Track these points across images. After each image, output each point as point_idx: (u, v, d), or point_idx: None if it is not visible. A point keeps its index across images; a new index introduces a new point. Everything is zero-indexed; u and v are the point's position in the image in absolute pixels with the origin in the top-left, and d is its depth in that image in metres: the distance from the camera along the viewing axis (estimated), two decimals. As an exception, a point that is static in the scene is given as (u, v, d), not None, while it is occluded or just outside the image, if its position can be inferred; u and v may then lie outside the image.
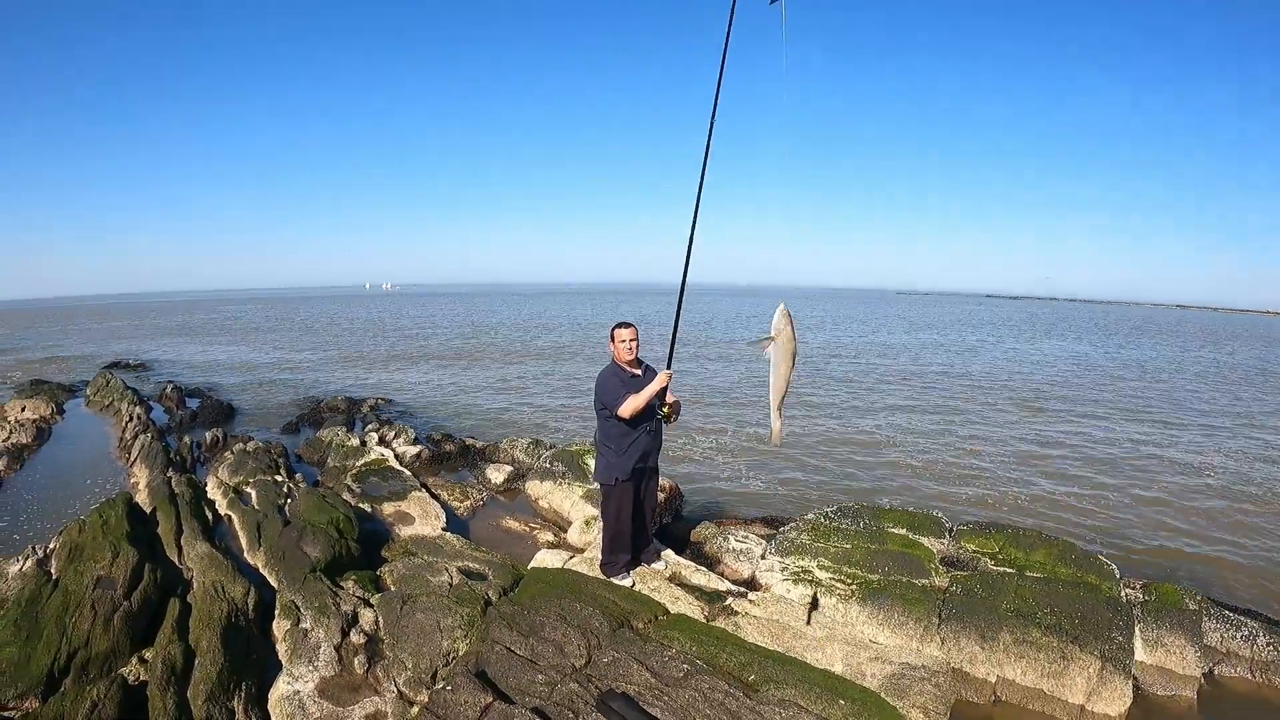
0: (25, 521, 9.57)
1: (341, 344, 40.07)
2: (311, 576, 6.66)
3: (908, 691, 4.94)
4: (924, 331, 51.37)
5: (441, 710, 4.48)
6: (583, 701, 4.49)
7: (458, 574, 6.80)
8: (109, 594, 6.02)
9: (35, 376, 23.84)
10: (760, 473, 12.86)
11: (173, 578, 6.85)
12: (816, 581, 6.58)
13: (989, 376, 26.17)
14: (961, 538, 7.40)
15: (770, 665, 4.94)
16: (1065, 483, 12.51)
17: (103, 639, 5.50)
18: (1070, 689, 5.31)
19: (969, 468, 13.43)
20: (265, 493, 9.29)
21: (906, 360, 31.78)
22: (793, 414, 18.52)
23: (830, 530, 7.53)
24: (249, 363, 30.78)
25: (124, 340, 44.02)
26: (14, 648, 5.27)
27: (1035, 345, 41.94)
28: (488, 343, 40.49)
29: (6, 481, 11.46)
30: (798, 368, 5.94)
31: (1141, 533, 10.04)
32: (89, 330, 54.16)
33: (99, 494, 10.41)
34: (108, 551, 6.72)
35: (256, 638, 5.84)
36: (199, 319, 67.67)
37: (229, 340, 43.54)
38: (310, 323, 60.72)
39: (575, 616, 5.53)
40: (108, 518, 7.52)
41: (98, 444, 14.37)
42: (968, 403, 20.61)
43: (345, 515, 8.26)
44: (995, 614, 5.79)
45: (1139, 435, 16.67)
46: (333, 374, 26.70)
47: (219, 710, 4.79)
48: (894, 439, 15.80)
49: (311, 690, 5.07)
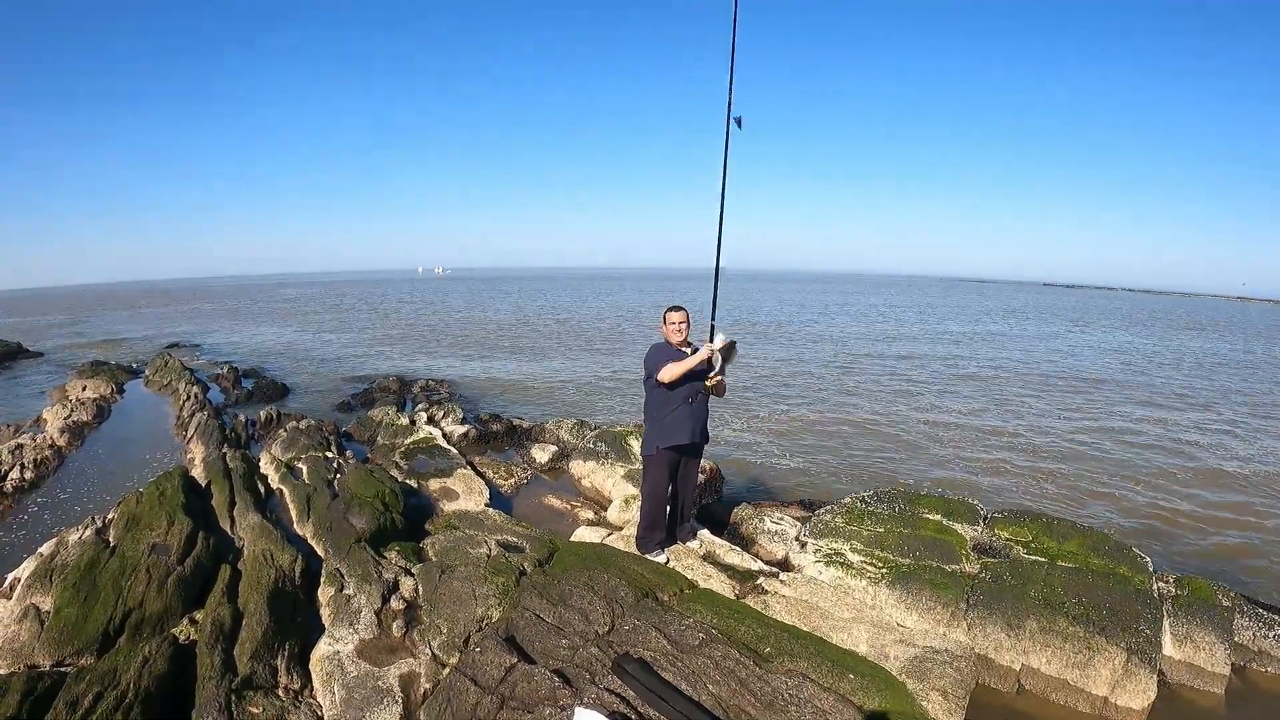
0: (86, 494, 10.00)
1: (394, 327, 40.62)
2: (356, 546, 6.97)
3: (928, 674, 5.02)
4: (973, 321, 50.59)
5: (469, 669, 4.73)
6: (600, 664, 4.69)
7: (496, 547, 7.05)
8: (163, 559, 6.39)
9: (96, 358, 24.49)
10: (800, 456, 12.99)
11: (224, 546, 7.21)
12: (848, 564, 6.68)
13: (1038, 366, 25.85)
14: (995, 525, 7.43)
15: (786, 639, 5.08)
16: (1108, 474, 12.47)
17: (156, 601, 5.85)
18: (1094, 680, 5.31)
19: (1011, 455, 13.44)
20: (316, 468, 9.64)
21: (952, 348, 31.49)
22: (836, 399, 18.59)
23: (864, 514, 7.63)
24: (303, 344, 31.42)
25: (182, 323, 44.95)
26: (72, 609, 5.63)
27: (1088, 335, 41.10)
28: (538, 326, 40.77)
29: (68, 457, 11.93)
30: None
31: (1182, 527, 10.00)
32: (148, 314, 55.30)
33: (156, 468, 10.84)
34: (163, 520, 7.11)
35: (302, 603, 6.15)
36: (254, 303, 68.74)
37: (284, 323, 44.26)
38: (363, 306, 61.40)
39: (602, 586, 5.73)
40: (164, 489, 7.91)
41: (156, 421, 14.88)
42: (1014, 390, 20.49)
43: (391, 490, 8.58)
44: (1023, 602, 5.81)
45: (1189, 427, 16.49)
46: (385, 356, 27.16)
47: (263, 668, 5.07)
48: (936, 426, 15.84)
49: (351, 651, 5.33)
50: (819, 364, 25.04)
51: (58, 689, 4.68)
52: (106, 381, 18.44)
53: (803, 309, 59.78)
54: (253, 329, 39.83)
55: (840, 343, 32.28)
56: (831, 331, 37.98)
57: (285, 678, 5.09)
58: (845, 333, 37.74)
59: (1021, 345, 33.60)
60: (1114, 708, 5.26)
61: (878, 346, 31.15)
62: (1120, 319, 58.02)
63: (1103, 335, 41.36)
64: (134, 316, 52.59)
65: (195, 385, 17.26)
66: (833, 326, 41.35)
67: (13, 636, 5.42)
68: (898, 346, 31.14)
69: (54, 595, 5.86)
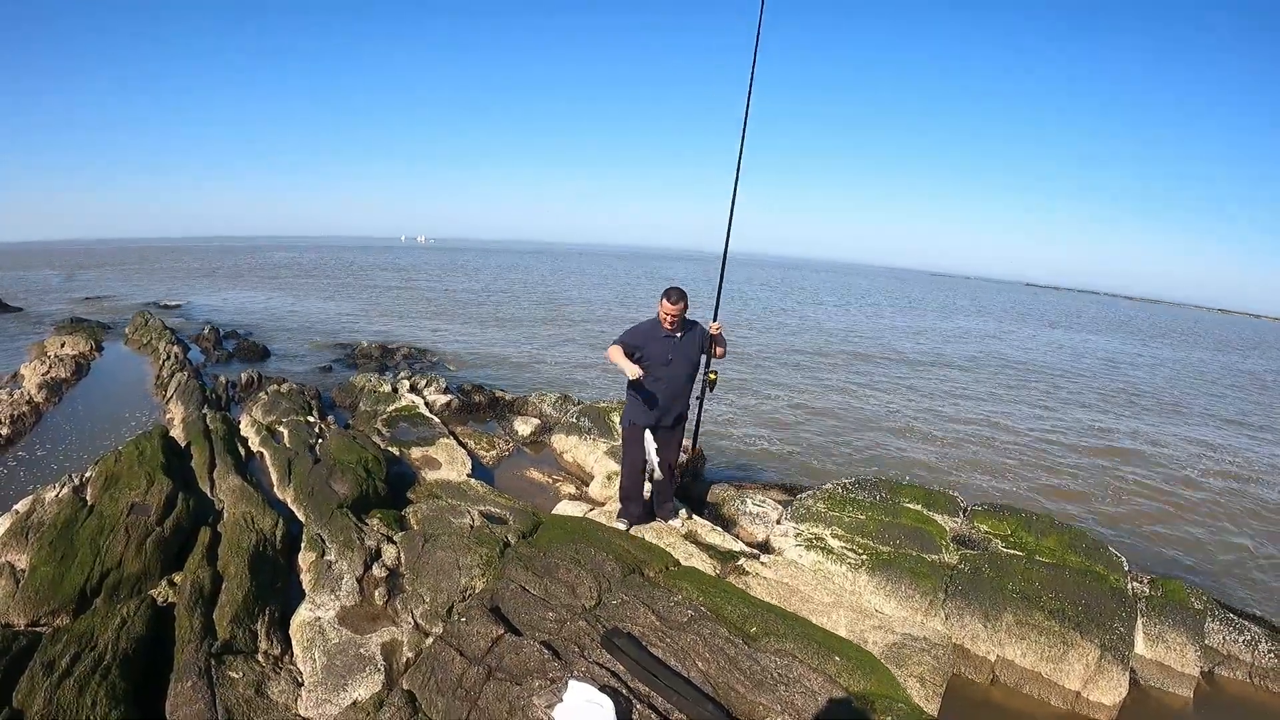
0: (63, 452, 9.90)
1: (377, 293, 40.37)
2: (339, 512, 6.91)
3: (906, 661, 5.05)
4: (964, 317, 50.73)
5: (454, 639, 4.70)
6: (589, 638, 4.68)
7: (479, 517, 7.02)
8: (142, 519, 6.31)
9: (76, 315, 24.25)
10: (784, 441, 13.03)
11: (204, 508, 7.14)
12: (828, 549, 6.70)
13: (1028, 365, 25.95)
14: (975, 518, 7.46)
15: (772, 619, 5.09)
16: (1087, 472, 12.57)
17: (134, 561, 5.78)
18: (1067, 675, 5.36)
19: (993, 450, 13.51)
20: (297, 432, 9.57)
21: (940, 343, 31.59)
22: (819, 387, 18.63)
23: (846, 500, 7.65)
24: (285, 307, 31.17)
25: (163, 282, 44.53)
26: (49, 568, 5.56)
27: (1079, 338, 41.28)
28: (523, 299, 40.69)
29: (45, 414, 11.81)
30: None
31: (1157, 528, 10.09)
32: (130, 271, 54.80)
33: (135, 427, 10.75)
34: (143, 480, 7.02)
35: (282, 567, 6.10)
36: (236, 263, 68.25)
37: (266, 285, 43.94)
38: (345, 272, 61.05)
39: (589, 561, 5.73)
40: (143, 449, 7.81)
41: (135, 380, 14.74)
42: (1003, 388, 20.59)
43: (374, 456, 8.51)
44: (1001, 594, 5.86)
45: (1169, 432, 16.62)
46: (367, 322, 27.01)
47: (243, 631, 5.02)
48: (919, 417, 15.89)
49: (332, 618, 5.30)
50: (803, 351, 25.06)
51: (33, 649, 4.63)
52: (86, 339, 18.25)
53: (786, 295, 59.87)
54: (234, 291, 39.48)
55: (826, 332, 32.33)
56: (818, 320, 38.02)
57: (265, 643, 5.04)
58: (832, 322, 37.81)
59: (1008, 342, 33.76)
60: (1086, 703, 5.31)
61: (865, 338, 31.19)
62: (1104, 323, 58.52)
63: (1088, 337, 41.68)
64: (116, 274, 52.17)
65: (175, 345, 17.09)
66: (819, 315, 41.40)
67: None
68: (885, 338, 31.23)
69: (30, 553, 5.78)
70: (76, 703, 3.98)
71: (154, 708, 4.26)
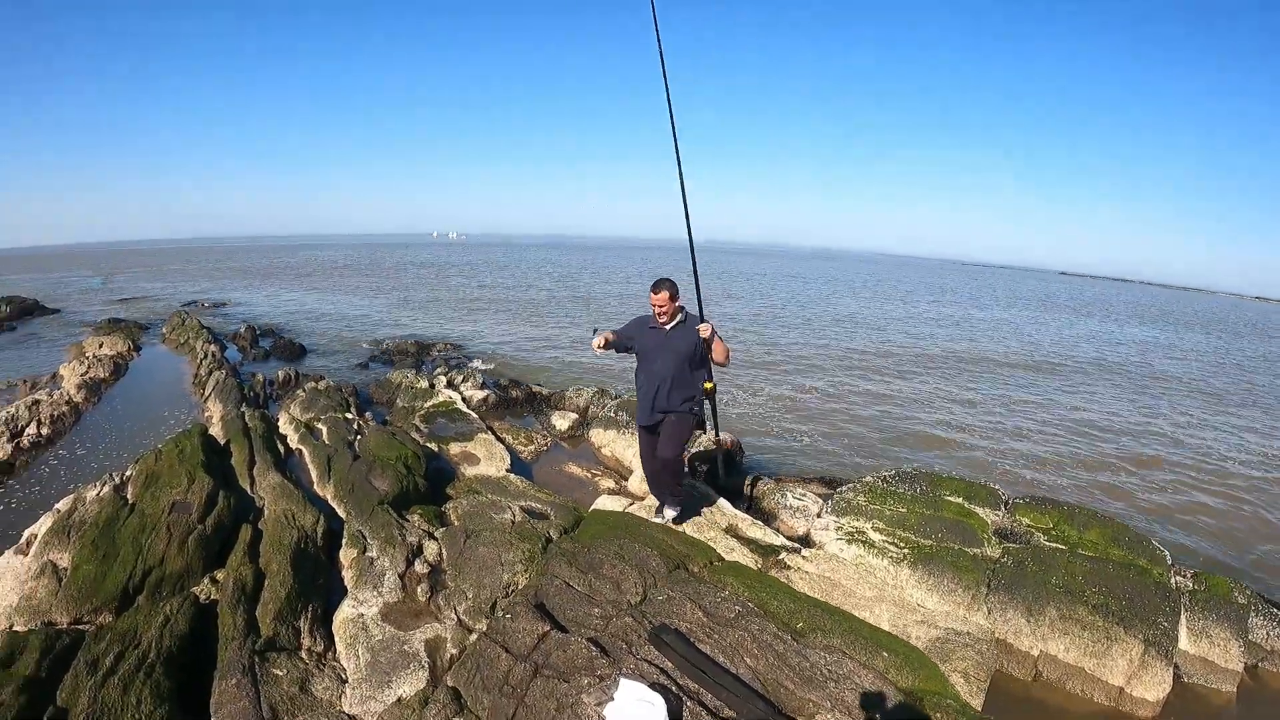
0: (103, 451, 9.98)
1: (410, 290, 40.49)
2: (379, 509, 6.92)
3: (950, 656, 4.98)
4: (998, 307, 50.15)
5: (500, 636, 4.66)
6: (636, 634, 4.63)
7: (520, 512, 7.00)
8: (184, 517, 6.33)
9: (113, 315, 24.51)
10: (821, 433, 12.90)
11: (245, 505, 7.16)
12: (870, 543, 6.64)
13: (1064, 355, 25.54)
14: (1017, 511, 7.35)
15: (819, 614, 5.02)
16: (1128, 464, 12.33)
17: (177, 559, 5.79)
18: (1111, 670, 5.28)
19: (1033, 442, 13.28)
20: (336, 429, 9.58)
21: (976, 333, 31.21)
22: (855, 379, 18.47)
23: (887, 493, 7.57)
24: (320, 305, 31.35)
25: (199, 282, 44.94)
26: (91, 566, 5.58)
27: (1115, 328, 40.49)
28: (557, 293, 40.71)
29: (85, 414, 11.91)
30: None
31: (1200, 521, 9.86)
32: (166, 272, 55.36)
33: (174, 426, 10.83)
34: (183, 478, 7.04)
35: (324, 564, 6.10)
36: (270, 263, 68.76)
37: (300, 284, 44.21)
38: (379, 269, 61.33)
39: (633, 556, 5.68)
40: (183, 447, 7.83)
41: (173, 379, 14.88)
42: (1041, 379, 20.24)
43: (414, 452, 8.51)
44: (1044, 589, 5.78)
45: (1210, 423, 16.25)
46: (402, 319, 27.08)
47: (286, 629, 5.02)
48: (958, 409, 15.70)
49: (375, 614, 5.28)
50: (837, 343, 24.84)
51: (76, 647, 4.66)
52: (123, 339, 18.46)
53: (816, 286, 59.51)
54: (269, 290, 39.76)
55: (860, 323, 32.05)
56: (853, 312, 37.72)
57: (309, 640, 5.05)
58: (867, 312, 37.52)
59: (1043, 332, 33.31)
60: (1129, 699, 5.23)
61: (900, 329, 30.88)
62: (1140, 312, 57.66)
63: (1124, 327, 40.95)
64: (152, 275, 52.68)
65: (213, 344, 17.24)
66: (854, 307, 41.09)
67: (30, 593, 5.37)
68: (920, 329, 30.91)
69: (72, 552, 5.81)
70: (121, 701, 3.99)
71: (198, 705, 4.25)
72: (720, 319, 27.90)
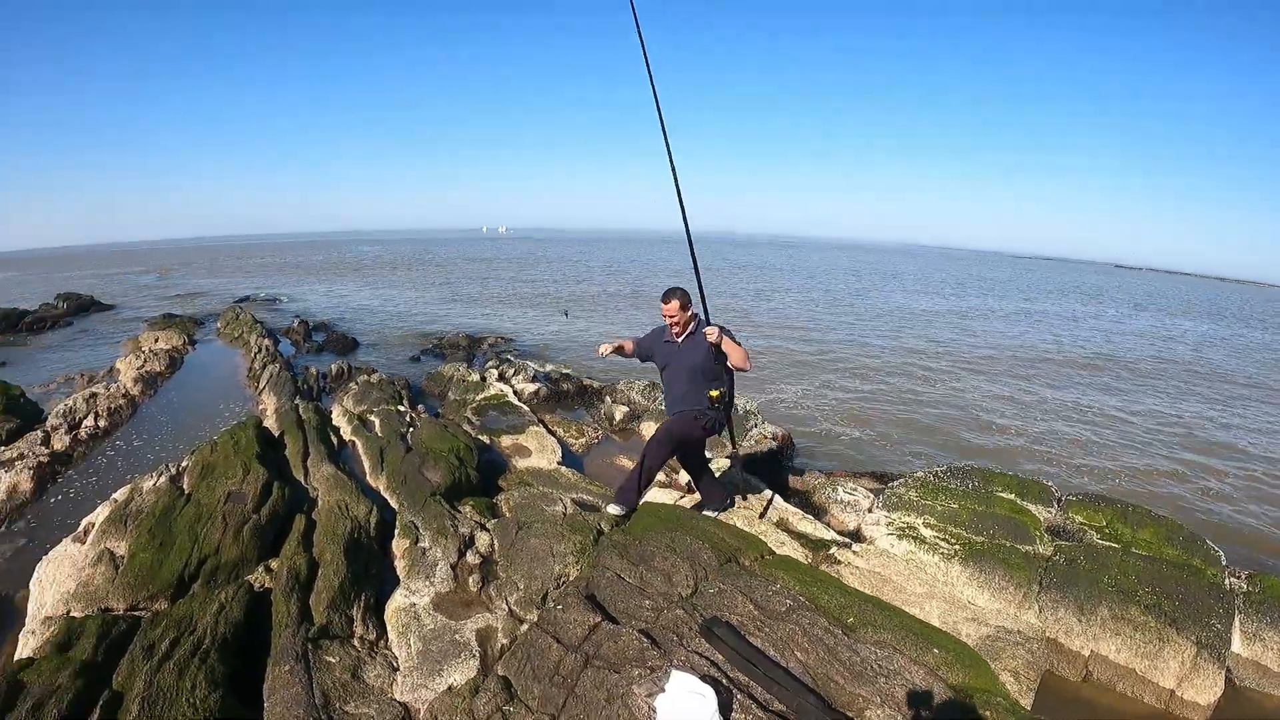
0: (159, 442, 10.17)
1: (461, 284, 40.85)
2: (432, 500, 6.97)
3: (1000, 655, 4.91)
4: (1049, 300, 49.36)
5: (551, 626, 4.65)
6: (687, 627, 4.61)
7: (572, 505, 7.02)
8: (239, 507, 6.42)
9: (168, 311, 24.95)
10: (873, 428, 12.79)
11: (299, 496, 7.24)
12: (921, 538, 6.58)
13: (1116, 350, 25.02)
14: (1070, 508, 7.22)
15: (869, 609, 4.97)
16: (1182, 462, 12.04)
17: (232, 548, 5.87)
18: (1162, 672, 5.18)
19: (1086, 439, 13.03)
20: (388, 421, 9.66)
21: (1028, 327, 30.73)
22: (902, 373, 18.30)
23: (938, 489, 7.47)
24: (371, 300, 31.73)
25: (251, 278, 45.62)
26: (148, 554, 5.67)
27: (1170, 322, 39.57)
28: (608, 286, 40.74)
29: (141, 406, 12.15)
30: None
31: (1256, 521, 9.59)
32: (220, 269, 56.21)
33: (229, 418, 11.01)
34: (239, 469, 7.15)
35: (376, 554, 6.14)
36: (322, 259, 69.63)
37: (352, 279, 44.74)
38: (430, 264, 61.82)
39: (685, 549, 5.65)
40: (238, 439, 7.94)
41: (227, 373, 15.14)
42: (1093, 375, 19.84)
43: (466, 445, 8.56)
44: (1096, 588, 5.68)
45: (1266, 422, 15.79)
46: (453, 313, 27.30)
47: (339, 617, 5.07)
48: (1005, 403, 15.49)
49: (427, 604, 5.31)
50: (888, 338, 24.61)
51: (132, 633, 4.74)
52: (178, 333, 18.79)
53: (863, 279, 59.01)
54: (322, 285, 40.28)
55: (910, 316, 31.74)
56: (903, 305, 37.37)
57: (361, 628, 5.08)
58: (916, 305, 37.18)
59: (1096, 326, 32.73)
60: (1180, 701, 5.13)
61: (951, 323, 30.51)
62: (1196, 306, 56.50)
63: (1179, 321, 40.04)
64: (207, 271, 53.48)
65: (266, 338, 17.53)
66: (898, 301, 40.70)
67: (87, 580, 5.46)
68: (972, 324, 30.53)
69: (129, 540, 5.91)
70: (176, 685, 4.04)
71: (251, 691, 4.30)
72: (767, 313, 27.57)
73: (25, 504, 7.91)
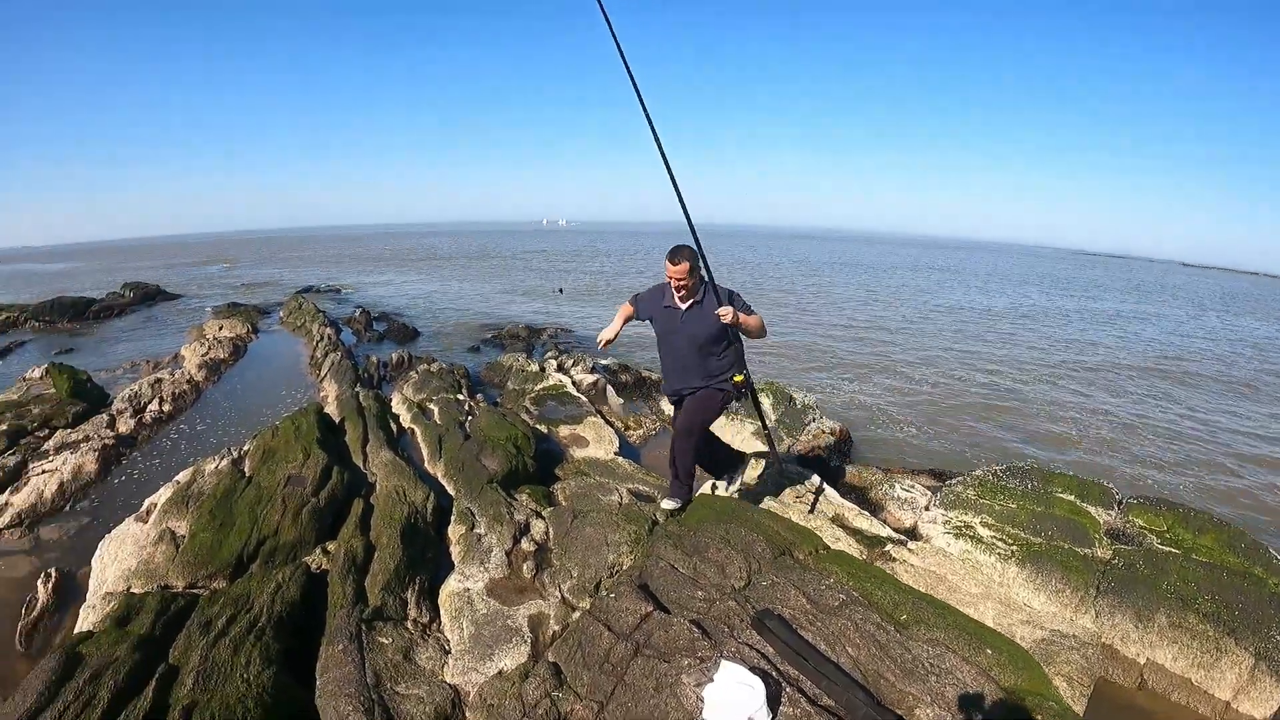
0: (221, 427, 10.37)
1: (520, 276, 41.08)
2: (488, 487, 7.02)
3: (1054, 659, 4.82)
4: (1114, 298, 48.35)
5: (603, 614, 4.67)
6: (739, 618, 4.58)
7: (627, 495, 7.06)
8: (298, 490, 6.54)
9: (232, 300, 25.41)
10: (932, 425, 12.60)
11: (358, 481, 7.35)
12: (978, 538, 6.49)
13: (1182, 351, 24.37)
14: (1130, 511, 7.07)
15: (923, 607, 4.90)
16: (1246, 467, 11.64)
17: (290, 530, 5.98)
18: (1219, 683, 5.03)
19: (1147, 441, 12.67)
20: (447, 409, 9.77)
21: (1090, 326, 30.09)
22: (972, 371, 18.06)
23: (997, 488, 7.36)
24: (432, 291, 32.08)
25: (313, 269, 46.35)
26: (208, 534, 5.81)
27: (1238, 323, 38.18)
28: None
29: (205, 392, 12.41)
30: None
31: None
32: (285, 259, 57.13)
33: (290, 405, 11.21)
34: (299, 453, 7.29)
35: (432, 539, 6.21)
36: (382, 250, 70.49)
37: (412, 270, 45.27)
38: (489, 256, 62.30)
39: (739, 541, 5.62)
40: (299, 424, 8.08)
41: (289, 361, 15.41)
42: (1155, 375, 19.31)
43: (523, 433, 8.60)
44: (1155, 594, 5.54)
45: None
46: (513, 304, 27.51)
47: (393, 599, 5.13)
48: (1072, 403, 15.16)
49: (480, 589, 5.36)
50: (948, 334, 24.28)
51: (190, 610, 4.85)
52: (242, 322, 19.17)
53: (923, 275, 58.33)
54: (382, 275, 40.81)
55: (976, 312, 31.33)
56: (969, 301, 36.91)
57: (415, 610, 5.13)
58: (981, 302, 36.68)
59: (1161, 326, 31.95)
60: (1235, 714, 4.97)
61: (1007, 321, 30.00)
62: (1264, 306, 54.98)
63: (1247, 322, 38.89)
64: (271, 262, 54.36)
65: (328, 327, 17.79)
66: (959, 297, 40.18)
67: (148, 558, 5.60)
68: (1027, 322, 30.03)
69: (190, 520, 6.05)
70: (231, 661, 4.11)
71: (304, 669, 4.36)
72: (825, 308, 27.35)
73: (90, 484, 8.10)
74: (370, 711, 3.90)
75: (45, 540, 6.90)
